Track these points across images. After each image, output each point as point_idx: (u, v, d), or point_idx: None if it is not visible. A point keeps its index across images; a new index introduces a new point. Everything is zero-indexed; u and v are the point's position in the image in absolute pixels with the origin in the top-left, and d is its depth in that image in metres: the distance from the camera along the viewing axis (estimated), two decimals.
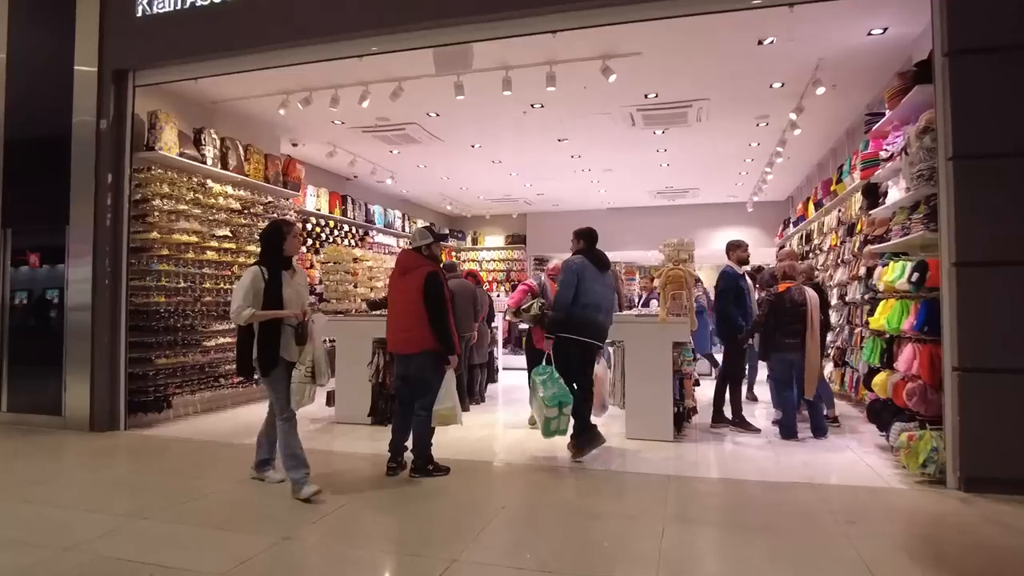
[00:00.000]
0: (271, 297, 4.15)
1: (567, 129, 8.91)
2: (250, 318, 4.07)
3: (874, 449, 5.61)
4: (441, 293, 4.66)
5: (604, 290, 5.32)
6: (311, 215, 10.61)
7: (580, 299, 5.16)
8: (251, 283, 4.12)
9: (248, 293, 4.08)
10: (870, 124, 6.18)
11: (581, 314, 5.16)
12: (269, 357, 4.17)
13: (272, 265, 4.24)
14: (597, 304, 5.24)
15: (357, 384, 6.74)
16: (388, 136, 9.08)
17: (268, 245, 4.33)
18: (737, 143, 9.79)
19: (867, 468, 5.05)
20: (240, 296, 4.06)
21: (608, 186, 13.04)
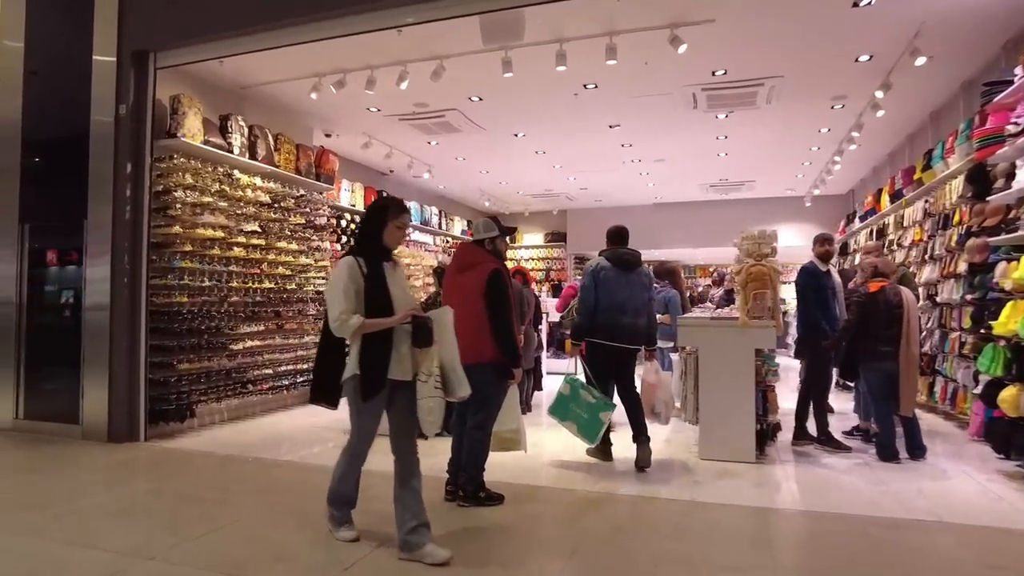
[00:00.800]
0: (375, 298, 3.15)
1: (620, 113, 8.17)
2: (359, 328, 3.07)
3: (998, 476, 4.77)
4: (506, 295, 3.99)
5: (630, 291, 5.04)
6: (345, 211, 10.05)
7: (601, 301, 4.98)
8: (349, 279, 3.11)
9: (350, 292, 3.09)
10: (989, 95, 5.31)
11: (602, 317, 4.97)
12: (375, 379, 3.15)
13: (371, 255, 3.25)
14: (620, 305, 4.98)
15: None
16: (427, 124, 8.45)
17: (368, 228, 3.35)
18: (805, 129, 8.92)
19: (1000, 501, 4.22)
20: (340, 298, 3.07)
21: (657, 179, 12.24)
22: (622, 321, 4.99)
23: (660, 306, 7.37)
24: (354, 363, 3.15)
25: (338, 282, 3.12)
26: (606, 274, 5.05)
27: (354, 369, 3.15)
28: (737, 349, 5.25)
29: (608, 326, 4.97)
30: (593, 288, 5.03)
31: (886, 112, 7.54)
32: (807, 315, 5.63)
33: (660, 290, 7.51)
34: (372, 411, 3.27)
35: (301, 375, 7.81)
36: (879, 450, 5.33)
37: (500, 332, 3.93)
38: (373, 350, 3.14)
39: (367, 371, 3.13)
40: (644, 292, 5.13)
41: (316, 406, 3.60)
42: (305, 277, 8.05)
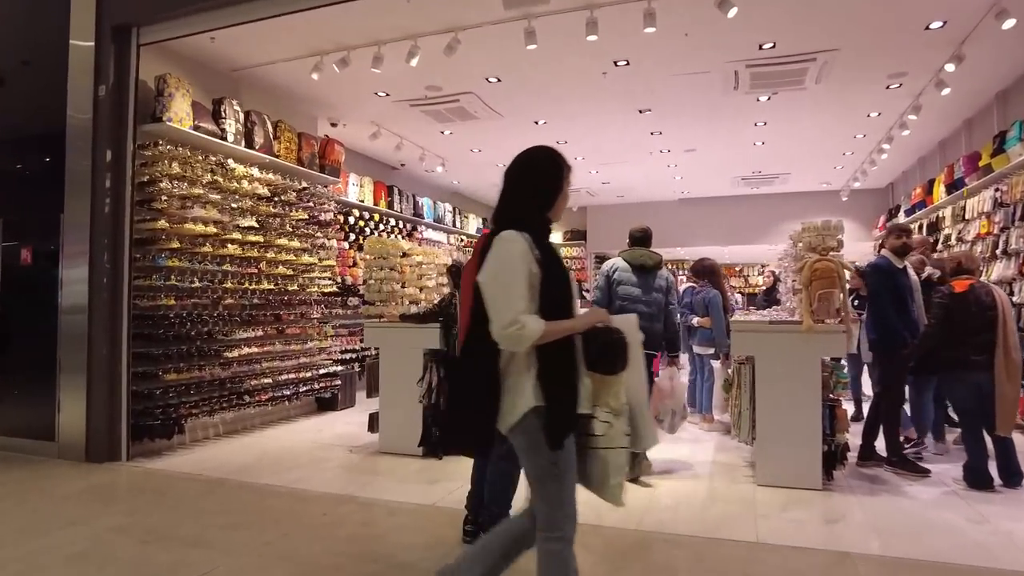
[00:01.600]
0: (555, 295, 2.13)
1: (652, 96, 7.44)
2: (542, 335, 2.03)
3: None
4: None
5: (646, 294, 4.82)
6: (353, 207, 9.40)
7: (614, 304, 4.79)
8: (523, 263, 2.07)
9: (524, 284, 2.06)
10: None
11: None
12: (567, 414, 2.10)
13: (540, 232, 2.20)
14: (634, 308, 4.68)
15: (405, 406, 5.44)
16: (440, 111, 7.77)
17: (538, 192, 2.24)
18: (853, 113, 8.14)
19: None
20: (516, 293, 2.04)
21: (685, 171, 11.48)
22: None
23: (700, 308, 6.65)
24: (531, 390, 2.06)
25: (509, 270, 2.06)
26: (621, 275, 4.86)
27: (534, 399, 2.06)
28: (800, 358, 4.52)
29: None
30: (607, 289, 4.86)
31: (949, 91, 6.76)
32: (882, 319, 4.87)
33: (699, 290, 6.78)
34: (570, 462, 2.13)
35: (304, 384, 7.15)
36: (969, 475, 4.58)
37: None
38: (559, 369, 2.09)
39: (555, 402, 2.06)
40: (660, 295, 4.85)
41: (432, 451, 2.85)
42: (308, 277, 7.40)
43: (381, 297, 5.89)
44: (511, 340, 2.02)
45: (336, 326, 7.99)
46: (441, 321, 5.40)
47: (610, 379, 2.16)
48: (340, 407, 7.76)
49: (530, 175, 2.27)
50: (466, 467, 4.58)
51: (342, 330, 8.32)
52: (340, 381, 7.71)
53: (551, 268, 2.13)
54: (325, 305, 7.71)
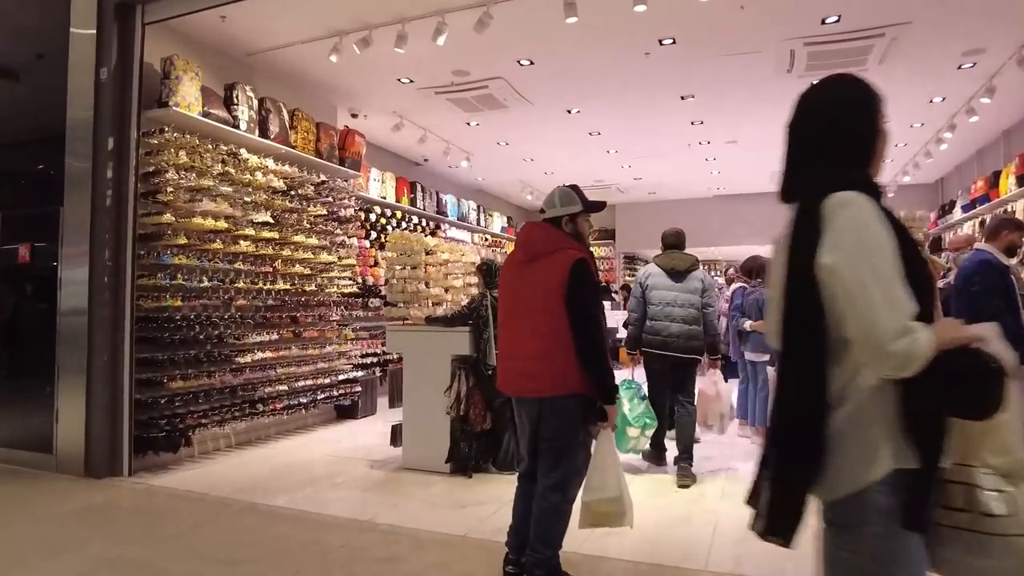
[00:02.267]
0: (921, 291, 1.34)
1: (697, 80, 6.85)
2: (933, 346, 1.26)
3: None
4: (596, 296, 2.81)
5: (681, 297, 4.86)
6: (375, 203, 8.93)
7: (651, 310, 4.90)
8: (890, 239, 1.33)
9: (900, 271, 1.31)
10: None
11: (653, 326, 4.87)
12: (930, 481, 1.35)
13: (876, 196, 1.43)
14: (670, 313, 4.83)
15: (431, 418, 4.94)
16: (467, 99, 7.25)
17: (860, 137, 1.55)
18: (915, 98, 7.47)
19: None
20: (897, 283, 1.29)
21: (724, 165, 10.85)
22: (671, 329, 4.81)
23: (753, 310, 6.05)
24: (888, 444, 1.33)
25: (877, 248, 1.32)
26: (653, 280, 4.94)
27: (892, 459, 1.33)
28: None
29: (658, 335, 4.84)
30: (641, 296, 4.94)
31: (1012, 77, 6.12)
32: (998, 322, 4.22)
33: (752, 290, 6.18)
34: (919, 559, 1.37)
35: (322, 391, 6.68)
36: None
37: (589, 349, 2.70)
38: (932, 411, 1.33)
39: (930, 462, 1.33)
40: (696, 297, 4.87)
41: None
42: (327, 277, 6.93)
43: (404, 298, 5.39)
44: (900, 361, 1.25)
45: (356, 329, 7.52)
46: (471, 324, 4.89)
47: (986, 425, 1.34)
48: (360, 415, 7.28)
49: (846, 111, 1.54)
50: (498, 489, 4.08)
51: (363, 333, 7.85)
52: (360, 388, 7.23)
53: (907, 251, 1.36)
54: (345, 307, 7.24)
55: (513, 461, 4.94)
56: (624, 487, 2.78)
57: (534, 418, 2.78)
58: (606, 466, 2.76)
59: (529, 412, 2.81)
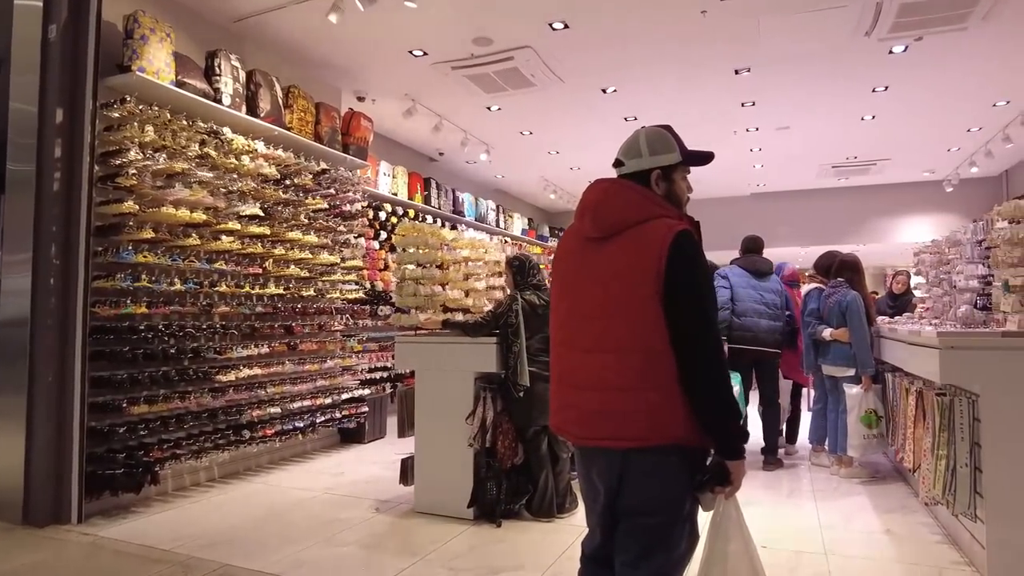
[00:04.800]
0: None
1: (757, 47, 5.86)
2: None
3: None
4: (711, 289, 1.84)
5: (759, 295, 5.35)
6: (385, 200, 8.02)
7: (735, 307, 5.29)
8: None
9: None
10: None
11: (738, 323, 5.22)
12: None
13: None
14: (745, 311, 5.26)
15: (449, 450, 3.97)
16: (488, 75, 6.31)
17: None
18: (1008, 67, 6.40)
19: None
20: None
21: (770, 156, 9.81)
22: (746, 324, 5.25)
23: (835, 315, 5.03)
24: None
25: None
26: (738, 280, 5.37)
27: None
28: None
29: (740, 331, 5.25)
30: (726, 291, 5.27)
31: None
32: None
33: (832, 292, 5.16)
34: None
35: (323, 413, 5.74)
36: None
37: (704, 374, 1.71)
38: None
39: None
40: (770, 295, 5.41)
41: None
42: (329, 281, 6.01)
43: (417, 302, 4.42)
44: None
45: (364, 340, 6.58)
46: (497, 335, 3.92)
47: None
48: (367, 439, 6.33)
49: None
50: (535, 543, 3.09)
51: (371, 344, 6.91)
52: (367, 408, 6.27)
53: None
54: (350, 315, 6.30)
55: (552, 504, 3.97)
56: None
57: (613, 480, 1.79)
58: (732, 551, 1.77)
59: (604, 470, 1.82)
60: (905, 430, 4.12)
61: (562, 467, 4.06)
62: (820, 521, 3.94)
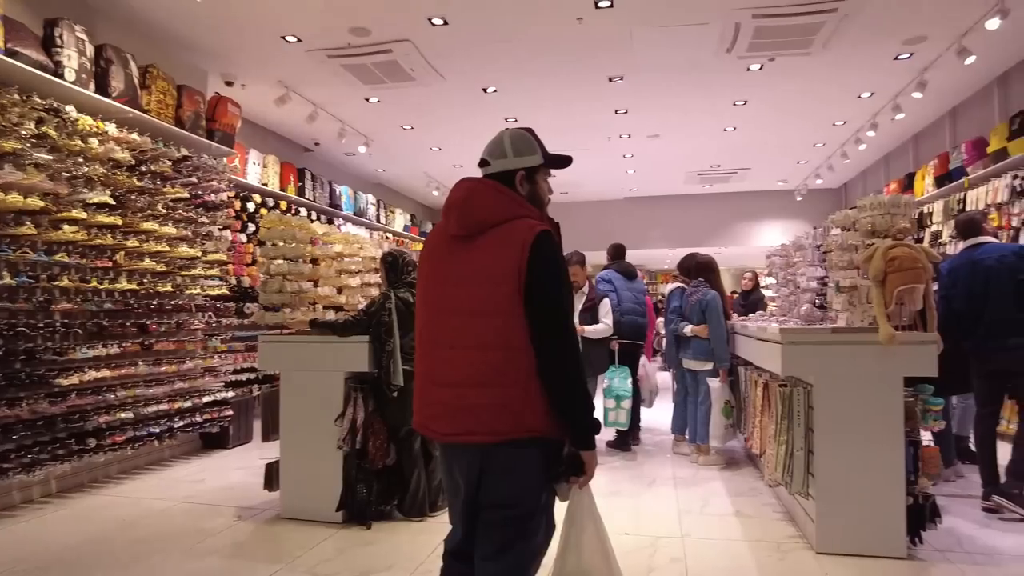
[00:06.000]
0: None
1: (630, 56, 6.14)
2: None
3: None
4: (568, 288, 1.90)
5: (633, 295, 5.92)
6: (254, 191, 7.61)
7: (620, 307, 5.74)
8: None
9: None
10: None
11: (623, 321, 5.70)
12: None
13: None
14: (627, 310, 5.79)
15: (317, 453, 3.85)
16: (366, 66, 6.16)
17: None
18: (846, 91, 7.16)
19: None
20: None
21: (641, 163, 10.32)
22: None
23: (695, 313, 5.36)
24: None
25: None
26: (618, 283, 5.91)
27: None
28: (875, 379, 3.30)
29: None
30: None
31: (947, 75, 5.88)
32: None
33: (692, 291, 5.50)
34: None
35: (181, 417, 5.36)
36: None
37: (562, 369, 1.78)
38: None
39: None
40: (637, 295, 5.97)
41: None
42: (189, 275, 5.62)
43: (283, 299, 4.22)
44: None
45: (228, 339, 6.22)
46: (371, 333, 3.84)
47: None
48: (232, 444, 5.99)
49: None
50: (406, 542, 3.06)
51: (237, 344, 6.54)
52: (232, 411, 5.94)
53: None
54: (213, 312, 5.93)
55: (424, 503, 3.95)
56: (616, 566, 1.87)
57: (473, 475, 1.81)
58: (586, 539, 1.84)
59: (465, 465, 1.83)
60: (754, 419, 4.49)
61: (435, 465, 4.05)
62: (679, 507, 4.18)
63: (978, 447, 4.08)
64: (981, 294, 3.92)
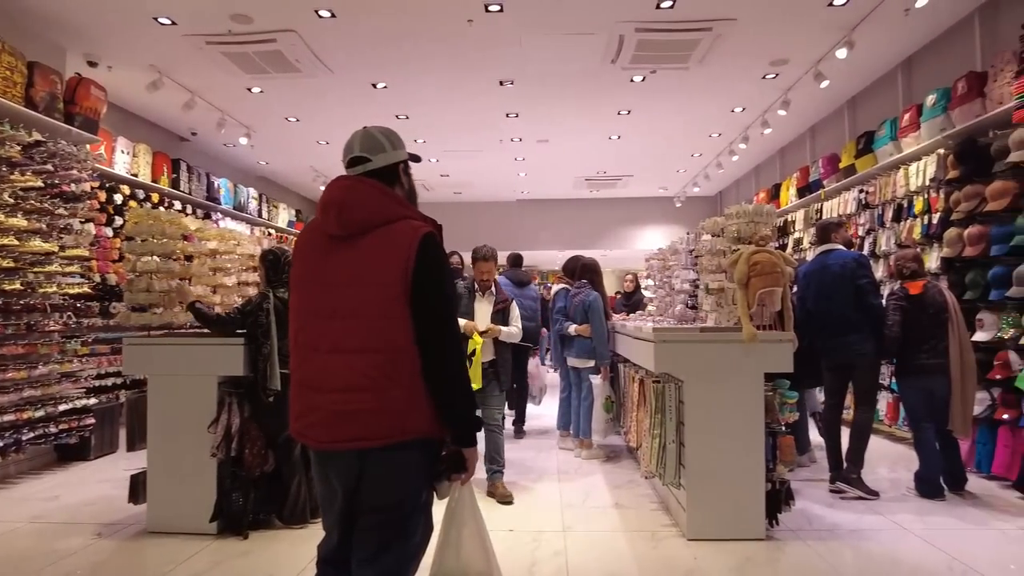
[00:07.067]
0: None
1: (520, 62, 6.25)
2: None
3: None
4: (454, 291, 1.92)
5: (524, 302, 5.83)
6: (121, 181, 7.05)
7: None
8: None
9: None
10: None
11: None
12: None
13: None
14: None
15: (188, 462, 3.64)
16: (248, 55, 5.88)
17: None
18: (719, 106, 7.67)
19: None
20: None
21: (532, 166, 10.53)
22: None
23: (579, 313, 5.55)
24: None
25: None
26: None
27: None
28: (738, 375, 3.56)
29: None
30: None
31: (807, 96, 6.49)
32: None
33: (576, 292, 5.69)
34: None
35: (32, 428, 4.87)
36: (920, 485, 4.24)
37: (448, 370, 1.80)
38: None
39: None
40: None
41: None
42: (44, 272, 5.12)
43: (151, 299, 3.95)
44: None
45: (90, 341, 5.73)
46: (246, 334, 3.68)
47: None
48: (95, 455, 5.52)
49: None
50: (287, 551, 2.97)
51: (102, 346, 6.03)
52: (94, 419, 5.47)
53: None
54: (73, 312, 5.43)
55: (305, 510, 3.83)
56: (494, 560, 1.91)
57: (351, 480, 1.79)
58: (466, 536, 1.87)
59: (344, 470, 1.80)
60: (632, 413, 4.71)
61: None
62: (562, 501, 4.30)
63: (824, 435, 4.51)
64: (829, 296, 4.34)
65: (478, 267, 4.44)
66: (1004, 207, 4.56)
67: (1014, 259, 4.43)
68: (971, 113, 5.04)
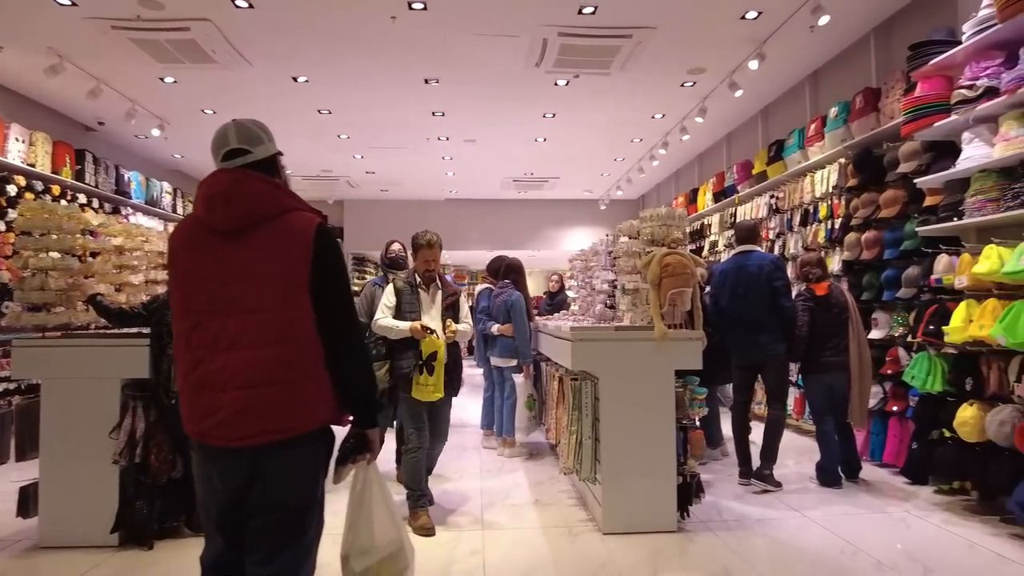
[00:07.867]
0: None
1: (444, 61, 6.23)
2: None
3: (960, 519, 3.76)
4: (347, 276, 1.90)
5: None
6: (17, 172, 6.58)
7: None
8: None
9: None
10: (922, 58, 4.44)
11: None
12: None
13: None
14: None
15: (86, 470, 3.46)
16: (160, 42, 5.60)
17: None
18: (639, 112, 7.88)
19: (1004, 562, 3.15)
20: None
21: (460, 166, 10.51)
22: None
23: (501, 313, 5.59)
24: None
25: None
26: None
27: None
28: (651, 372, 3.68)
29: None
30: None
31: (723, 104, 6.80)
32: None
33: (499, 292, 5.73)
34: None
35: None
36: (821, 475, 4.52)
37: (354, 356, 1.86)
38: None
39: None
40: None
41: None
42: None
43: (45, 298, 3.71)
44: None
45: None
46: (150, 333, 3.52)
47: None
48: None
49: None
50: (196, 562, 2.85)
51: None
52: None
53: None
54: None
55: None
56: (404, 532, 1.96)
57: (239, 480, 1.75)
58: (375, 516, 1.90)
59: (233, 471, 1.76)
60: (552, 411, 4.79)
61: None
62: (482, 499, 4.33)
63: (733, 430, 4.71)
64: (743, 295, 4.54)
65: (421, 255, 3.83)
66: (895, 214, 4.90)
67: (904, 262, 4.78)
68: (867, 126, 5.40)
